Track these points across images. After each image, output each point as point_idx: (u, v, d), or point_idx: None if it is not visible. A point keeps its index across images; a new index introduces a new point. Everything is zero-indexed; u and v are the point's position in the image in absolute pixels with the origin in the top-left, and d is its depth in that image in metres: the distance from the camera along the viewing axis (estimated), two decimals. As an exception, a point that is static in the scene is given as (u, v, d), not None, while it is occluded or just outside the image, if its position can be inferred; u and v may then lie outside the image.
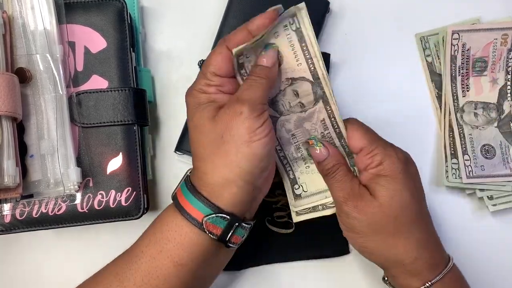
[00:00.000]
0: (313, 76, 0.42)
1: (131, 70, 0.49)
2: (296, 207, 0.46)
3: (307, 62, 0.42)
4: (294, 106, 0.43)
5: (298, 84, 0.43)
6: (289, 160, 0.45)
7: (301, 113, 0.43)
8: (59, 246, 0.52)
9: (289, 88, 0.43)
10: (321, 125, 0.44)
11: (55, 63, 0.46)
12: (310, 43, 0.41)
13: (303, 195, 0.45)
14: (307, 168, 0.45)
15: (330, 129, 0.43)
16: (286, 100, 0.43)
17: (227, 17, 0.53)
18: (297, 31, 0.41)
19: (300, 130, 0.44)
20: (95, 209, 0.47)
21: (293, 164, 0.45)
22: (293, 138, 0.44)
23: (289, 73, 0.42)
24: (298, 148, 0.44)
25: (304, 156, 0.45)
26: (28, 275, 0.52)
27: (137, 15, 0.53)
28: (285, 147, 0.45)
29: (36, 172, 0.46)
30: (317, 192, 0.45)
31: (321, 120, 0.43)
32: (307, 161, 0.45)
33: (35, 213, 0.46)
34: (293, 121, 0.44)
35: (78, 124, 0.47)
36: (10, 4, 0.46)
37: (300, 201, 0.45)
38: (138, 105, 0.48)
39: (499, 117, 0.53)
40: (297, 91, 0.43)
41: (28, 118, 0.46)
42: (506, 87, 0.53)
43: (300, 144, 0.44)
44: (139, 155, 0.48)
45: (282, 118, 0.44)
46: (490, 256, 0.52)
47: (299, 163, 0.45)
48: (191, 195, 0.41)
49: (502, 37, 0.52)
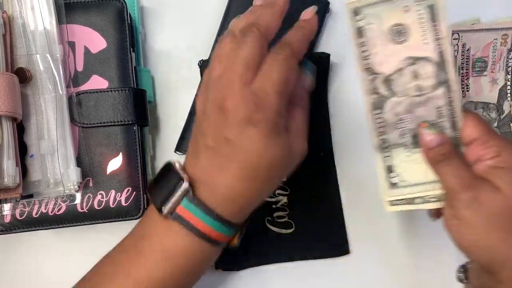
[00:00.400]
0: (439, 58, 0.39)
1: (131, 70, 0.49)
2: (390, 196, 0.42)
3: (434, 42, 0.39)
4: (410, 88, 0.40)
5: (420, 64, 0.39)
6: (389, 144, 0.42)
7: (416, 97, 0.40)
8: (59, 246, 0.52)
9: (408, 68, 0.40)
10: (436, 112, 0.40)
11: (55, 63, 0.46)
12: (441, 23, 0.39)
13: (400, 184, 0.42)
14: (408, 157, 0.41)
15: (445, 118, 0.40)
16: (402, 80, 0.40)
17: (227, 17, 0.53)
18: (430, 7, 0.39)
19: (410, 116, 0.40)
20: (95, 209, 0.47)
21: (392, 150, 0.42)
22: (400, 122, 0.41)
23: (412, 51, 0.39)
24: (403, 134, 0.41)
25: (407, 144, 0.41)
26: (28, 275, 0.52)
27: (137, 15, 0.53)
28: (388, 130, 0.41)
29: (36, 172, 0.46)
30: (417, 184, 0.42)
31: (438, 107, 0.40)
32: (409, 149, 0.41)
33: (35, 213, 0.46)
34: (404, 105, 0.40)
35: (78, 124, 0.47)
36: (10, 4, 0.46)
37: (396, 190, 0.42)
38: (138, 105, 0.48)
39: (499, 117, 0.53)
40: (417, 72, 0.40)
41: (28, 118, 0.46)
42: (506, 87, 0.53)
43: (407, 130, 0.41)
44: (139, 155, 0.48)
45: (392, 100, 0.41)
46: None
47: (399, 151, 0.41)
48: (199, 210, 0.39)
49: (502, 37, 0.52)
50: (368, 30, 0.39)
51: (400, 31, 0.39)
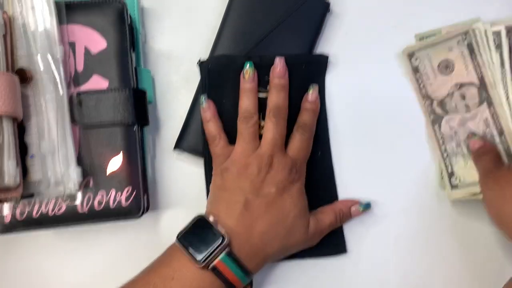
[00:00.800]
0: (480, 82, 0.50)
1: (131, 70, 0.49)
2: (452, 196, 0.51)
3: (475, 70, 0.50)
4: (460, 107, 0.51)
5: (465, 88, 0.50)
6: (449, 154, 0.51)
7: (466, 114, 0.51)
8: (59, 246, 0.52)
9: (457, 92, 0.51)
10: (483, 123, 0.50)
11: (55, 63, 0.46)
12: (479, 54, 0.50)
13: (460, 185, 0.50)
14: (466, 165, 0.51)
15: (491, 127, 0.50)
16: (453, 102, 0.51)
17: (227, 17, 0.53)
18: (469, 45, 0.50)
19: (462, 129, 0.51)
20: (95, 209, 0.47)
21: (452, 158, 0.51)
22: (456, 135, 0.51)
23: (458, 79, 0.51)
24: (459, 144, 0.51)
25: (463, 153, 0.51)
26: (28, 275, 0.52)
27: (137, 15, 0.53)
28: (447, 141, 0.51)
29: (36, 172, 0.46)
30: (473, 183, 0.49)
31: (484, 119, 0.50)
32: (466, 159, 0.51)
33: (35, 213, 0.46)
34: (457, 120, 0.51)
35: (78, 124, 0.47)
36: (11, 4, 0.46)
37: (457, 190, 0.51)
38: (138, 105, 0.48)
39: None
40: (464, 95, 0.51)
41: (28, 118, 0.46)
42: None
43: (462, 142, 0.51)
44: (139, 155, 0.48)
45: (447, 117, 0.51)
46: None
47: (458, 159, 0.51)
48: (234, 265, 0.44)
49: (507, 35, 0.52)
50: (421, 67, 0.52)
51: (447, 65, 0.52)
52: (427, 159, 0.53)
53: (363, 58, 0.55)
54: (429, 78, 0.52)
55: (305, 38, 0.53)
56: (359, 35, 0.55)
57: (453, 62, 0.51)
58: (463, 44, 0.51)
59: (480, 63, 0.50)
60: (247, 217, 0.45)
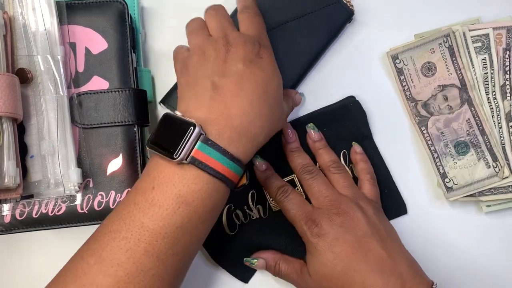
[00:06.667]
0: (461, 83, 0.51)
1: (131, 71, 0.49)
2: (450, 198, 0.51)
3: (456, 72, 0.51)
4: (443, 108, 0.52)
5: (447, 90, 0.52)
6: (439, 154, 0.52)
7: (449, 115, 0.52)
8: (59, 246, 0.52)
9: (440, 94, 0.52)
10: (467, 124, 0.51)
11: (56, 64, 0.46)
12: (459, 57, 0.51)
13: (455, 187, 0.51)
14: (455, 164, 0.51)
15: (474, 127, 0.51)
16: (436, 103, 0.52)
17: (228, 17, 0.53)
18: (450, 48, 0.52)
19: (448, 129, 0.52)
20: (95, 209, 0.47)
21: (442, 158, 0.52)
22: (442, 135, 0.52)
23: (441, 81, 0.52)
24: (447, 145, 0.52)
25: (452, 153, 0.52)
26: (28, 275, 0.52)
27: (138, 15, 0.53)
28: (435, 142, 0.52)
29: (36, 172, 0.46)
30: (467, 185, 0.51)
31: (467, 119, 0.51)
32: (454, 158, 0.52)
33: (35, 214, 0.46)
34: (442, 121, 0.52)
35: (78, 125, 0.47)
36: (11, 4, 0.46)
37: (453, 192, 0.51)
38: (139, 105, 0.48)
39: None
40: (447, 96, 0.52)
41: (28, 118, 0.46)
42: (505, 87, 0.53)
43: (449, 141, 0.52)
44: (139, 156, 0.48)
45: (432, 118, 0.52)
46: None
47: (447, 159, 0.52)
48: (214, 151, 0.40)
49: (496, 36, 0.52)
50: (405, 69, 0.53)
51: (429, 67, 0.52)
52: (419, 161, 0.53)
53: (363, 58, 0.55)
54: (413, 80, 0.53)
55: (319, 39, 0.52)
56: (360, 35, 0.55)
57: (435, 64, 0.52)
58: (444, 47, 0.52)
59: (460, 65, 0.51)
60: (219, 100, 0.42)
